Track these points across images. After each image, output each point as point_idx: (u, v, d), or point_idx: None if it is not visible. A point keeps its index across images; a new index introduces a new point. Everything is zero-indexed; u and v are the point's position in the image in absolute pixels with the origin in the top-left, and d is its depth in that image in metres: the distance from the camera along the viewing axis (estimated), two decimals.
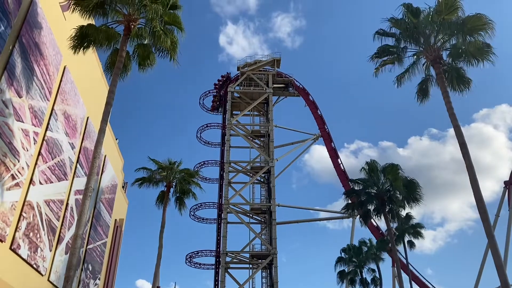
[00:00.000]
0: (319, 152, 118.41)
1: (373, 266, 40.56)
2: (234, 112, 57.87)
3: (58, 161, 20.69)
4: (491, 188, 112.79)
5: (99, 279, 29.45)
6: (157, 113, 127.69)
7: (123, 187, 36.37)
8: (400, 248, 40.44)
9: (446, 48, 21.83)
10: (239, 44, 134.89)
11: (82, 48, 18.40)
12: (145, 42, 19.12)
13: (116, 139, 33.52)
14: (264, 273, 51.07)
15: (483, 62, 20.77)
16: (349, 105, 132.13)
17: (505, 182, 63.79)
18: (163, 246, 29.88)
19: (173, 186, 30.78)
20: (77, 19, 18.89)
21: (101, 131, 16.85)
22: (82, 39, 18.15)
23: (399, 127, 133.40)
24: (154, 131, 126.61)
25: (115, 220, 33.37)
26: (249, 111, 57.71)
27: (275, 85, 58.06)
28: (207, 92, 59.01)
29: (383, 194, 29.71)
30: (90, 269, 27.40)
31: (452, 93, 21.30)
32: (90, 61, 24.43)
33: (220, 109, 59.20)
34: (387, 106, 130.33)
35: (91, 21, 18.71)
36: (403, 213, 34.37)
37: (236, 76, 58.53)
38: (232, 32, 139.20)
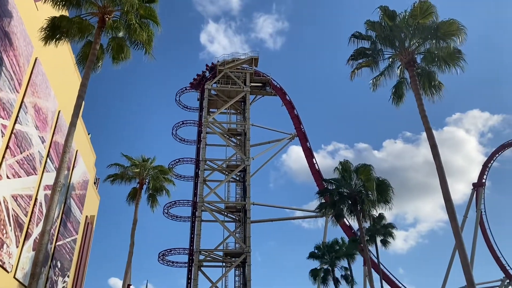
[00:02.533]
0: (297, 152, 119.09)
1: (345, 265, 41.08)
2: (210, 109, 57.52)
3: (27, 155, 20.13)
4: (462, 191, 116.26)
5: (68, 276, 28.82)
6: (132, 109, 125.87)
7: (95, 183, 35.69)
8: (373, 247, 41.12)
9: (420, 51, 22.25)
10: (220, 43, 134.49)
11: (54, 40, 17.93)
12: (120, 35, 18.79)
13: (89, 134, 32.85)
14: (237, 271, 51.03)
15: (455, 68, 21.28)
16: (327, 107, 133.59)
17: (473, 184, 65.73)
18: (136, 244, 29.52)
19: (146, 183, 30.39)
20: (50, 10, 18.39)
21: (72, 125, 16.47)
22: (54, 30, 17.69)
23: (375, 130, 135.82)
24: (128, 127, 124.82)
25: (86, 216, 32.72)
26: (226, 109, 57.48)
27: (252, 84, 58.02)
28: (184, 89, 58.47)
29: (356, 194, 30.10)
30: (59, 266, 26.77)
31: (428, 99, 21.78)
32: (63, 53, 23.83)
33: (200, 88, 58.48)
34: (364, 109, 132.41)
35: (65, 12, 18.25)
36: (376, 213, 34.92)
37: (213, 73, 58.22)
38: (214, 30, 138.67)
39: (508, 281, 58.47)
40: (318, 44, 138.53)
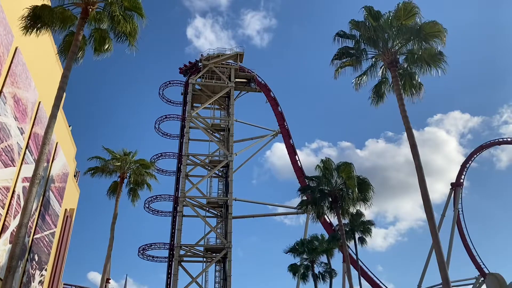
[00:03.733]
0: (281, 149, 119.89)
1: (324, 261, 41.52)
2: (194, 104, 57.25)
3: (6, 146, 19.75)
4: (441, 190, 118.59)
5: (45, 270, 28.45)
6: (114, 102, 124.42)
7: (75, 176, 35.23)
8: (353, 245, 41.60)
9: (402, 52, 22.52)
10: (207, 38, 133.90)
11: (35, 30, 17.58)
12: (103, 27, 18.54)
13: (69, 126, 32.38)
14: (218, 266, 51.07)
15: (436, 69, 21.62)
16: (312, 105, 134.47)
17: (451, 184, 67.09)
18: (116, 238, 29.30)
19: (127, 177, 30.15)
20: None
21: (52, 117, 16.22)
22: (35, 20, 17.34)
23: (358, 129, 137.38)
24: (110, 120, 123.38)
25: (65, 209, 32.30)
26: (209, 104, 57.28)
27: (237, 80, 57.94)
28: (167, 83, 57.94)
29: (336, 191, 30.44)
30: (36, 260, 26.40)
31: (409, 99, 22.09)
32: (45, 43, 23.40)
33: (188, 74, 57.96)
34: (348, 108, 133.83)
35: (46, 1, 17.92)
36: (356, 210, 35.34)
37: (198, 68, 57.90)
38: (201, 25, 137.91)
39: (482, 279, 59.91)
40: (305, 43, 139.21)
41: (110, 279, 38.59)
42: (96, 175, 30.02)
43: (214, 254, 48.67)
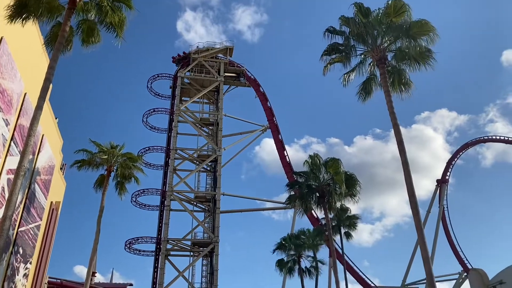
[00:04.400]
0: (270, 144, 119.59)
1: (311, 256, 41.80)
2: (183, 98, 56.97)
3: None
4: (427, 187, 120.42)
5: (30, 263, 28.15)
6: (102, 94, 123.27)
7: (61, 168, 34.82)
8: (339, 239, 41.94)
9: (391, 49, 22.63)
10: (197, 32, 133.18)
11: (21, 19, 17.26)
12: (91, 18, 18.29)
13: (56, 118, 31.97)
14: (205, 260, 51.11)
15: (425, 66, 21.77)
16: (302, 101, 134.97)
17: (437, 181, 68.01)
18: (102, 232, 29.10)
19: (114, 170, 29.92)
20: None
21: (38, 108, 15.99)
22: (21, 9, 17.02)
23: (347, 126, 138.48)
24: (98, 113, 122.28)
25: (51, 202, 31.94)
26: (198, 98, 57.05)
27: (226, 74, 57.76)
28: (156, 76, 57.47)
29: (324, 187, 30.61)
30: (21, 253, 26.10)
31: (396, 95, 22.24)
32: (31, 33, 22.99)
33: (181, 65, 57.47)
34: (337, 105, 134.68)
35: None
36: (343, 206, 35.61)
37: (187, 62, 57.57)
38: (191, 19, 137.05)
39: (465, 274, 60.91)
40: (296, 38, 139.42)
41: (96, 272, 38.45)
42: (83, 168, 29.72)
43: (201, 249, 48.69)
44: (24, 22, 17.56)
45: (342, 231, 39.42)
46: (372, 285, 56.29)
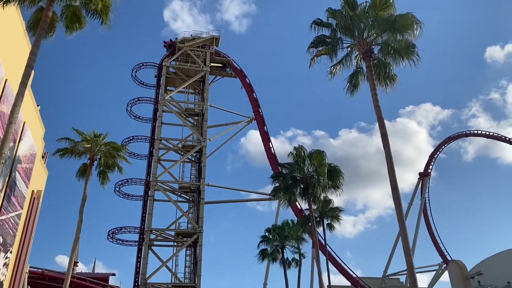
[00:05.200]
0: (256, 136, 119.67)
1: (294, 247, 42.21)
2: (168, 87, 56.44)
3: None
4: (410, 180, 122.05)
5: (10, 252, 27.75)
6: (86, 82, 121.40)
7: (43, 157, 34.26)
8: (322, 231, 42.31)
9: (377, 43, 22.73)
10: (184, 21, 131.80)
11: (1, 3, 16.83)
12: (75, 4, 17.92)
13: (38, 106, 31.38)
14: (188, 251, 51.11)
15: (409, 61, 21.93)
16: (288, 93, 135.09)
17: (419, 174, 68.99)
18: (85, 221, 28.84)
19: (97, 159, 29.58)
20: None
21: (19, 95, 15.67)
22: None
23: (332, 119, 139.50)
24: (81, 101, 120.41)
25: (32, 191, 31.46)
26: (184, 88, 56.56)
27: (212, 64, 57.35)
28: (141, 65, 56.70)
29: (308, 178, 30.81)
30: (1, 242, 25.70)
31: (382, 88, 22.39)
32: (12, 17, 22.41)
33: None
34: (323, 98, 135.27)
35: None
36: (326, 197, 35.90)
37: (172, 51, 56.98)
38: (178, 8, 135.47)
39: (445, 265, 62.20)
40: (283, 30, 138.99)
41: (78, 262, 38.16)
42: (65, 156, 29.31)
43: (185, 239, 48.66)
44: (4, 5, 17.12)
45: (325, 222, 39.79)
46: (354, 275, 57.09)
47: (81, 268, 51.37)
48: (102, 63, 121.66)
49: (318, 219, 38.82)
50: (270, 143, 56.91)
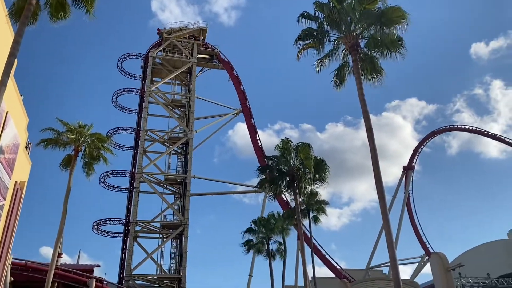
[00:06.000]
0: (243, 129, 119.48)
1: (280, 238, 42.54)
2: (154, 78, 55.95)
3: None
4: (395, 174, 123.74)
5: None
6: (71, 72, 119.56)
7: (26, 147, 33.76)
8: (307, 223, 42.69)
9: (364, 36, 22.82)
10: (172, 12, 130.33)
11: None
12: None
13: (21, 95, 30.85)
14: (174, 243, 51.08)
15: (395, 54, 22.08)
16: (276, 87, 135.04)
17: (404, 167, 69.76)
18: (69, 213, 28.55)
19: (82, 150, 29.25)
20: None
21: (2, 84, 15.38)
22: None
23: (319, 112, 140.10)
24: (66, 91, 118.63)
25: (16, 182, 31.03)
26: (170, 79, 56.16)
27: (199, 55, 57.01)
28: (127, 55, 56.13)
29: (294, 171, 30.98)
30: None
31: (368, 82, 22.54)
32: None
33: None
34: (311, 91, 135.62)
35: None
36: (313, 190, 36.15)
37: (159, 41, 56.45)
38: None
39: (427, 257, 63.25)
40: (272, 23, 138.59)
41: (62, 253, 37.81)
42: (49, 147, 28.92)
43: (171, 231, 48.61)
44: None
45: (311, 215, 40.10)
46: (338, 267, 57.75)
47: (65, 259, 50.95)
48: (88, 53, 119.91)
49: (304, 211, 39.11)
50: (257, 136, 56.98)
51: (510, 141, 70.52)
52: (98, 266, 39.88)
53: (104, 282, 34.67)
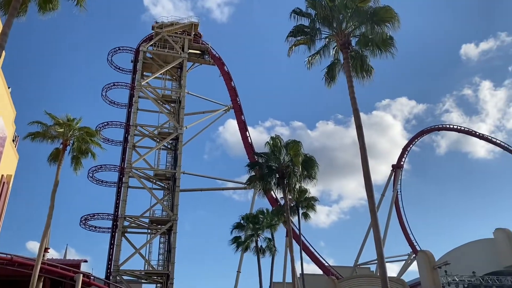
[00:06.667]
0: (234, 125, 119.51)
1: (269, 235, 42.62)
2: (145, 73, 55.52)
3: None
4: (384, 172, 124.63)
5: None
6: (60, 65, 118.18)
7: (13, 140, 33.37)
8: (296, 220, 42.80)
9: (355, 35, 22.89)
10: (164, 7, 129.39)
11: None
12: None
13: (9, 88, 30.46)
14: (162, 238, 50.89)
15: (386, 54, 22.20)
16: (267, 84, 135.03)
17: (392, 166, 70.32)
18: (57, 207, 28.21)
19: (70, 144, 28.93)
20: None
21: None
22: None
23: (310, 110, 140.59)
24: (55, 84, 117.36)
25: (2, 175, 30.67)
26: (161, 74, 55.76)
27: (190, 51, 56.65)
28: (117, 49, 55.53)
29: (283, 168, 31.02)
30: None
31: (358, 80, 22.62)
32: None
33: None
34: (302, 89, 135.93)
35: None
36: (302, 187, 36.23)
37: (150, 36, 56.01)
38: None
39: (414, 255, 63.90)
40: (265, 20, 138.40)
41: (49, 248, 37.41)
42: (37, 140, 28.53)
43: (159, 226, 48.40)
44: None
45: (300, 212, 40.22)
46: (326, 264, 58.10)
47: (52, 254, 50.46)
48: (78, 46, 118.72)
49: (293, 208, 39.21)
50: (247, 132, 56.94)
51: (498, 141, 71.54)
52: (86, 261, 39.48)
53: (91, 277, 34.38)
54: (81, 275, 30.33)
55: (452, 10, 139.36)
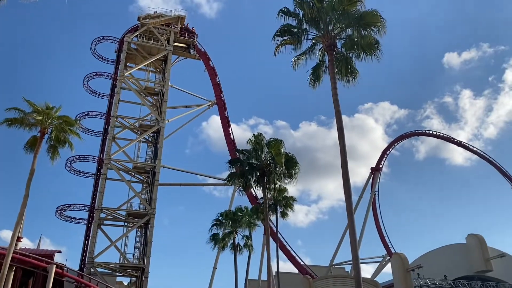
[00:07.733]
0: (217, 121, 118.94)
1: (246, 232, 42.62)
2: (128, 64, 54.77)
3: None
4: (364, 175, 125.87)
5: None
6: (41, 52, 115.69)
7: None
8: (275, 218, 42.93)
9: (341, 37, 23.03)
10: None
11: None
12: None
13: None
14: (139, 232, 50.37)
15: (371, 57, 22.41)
16: (253, 82, 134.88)
17: (371, 168, 71.11)
18: (32, 196, 27.63)
19: (48, 133, 28.33)
20: None
21: None
22: None
23: (294, 110, 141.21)
24: (34, 71, 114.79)
25: None
26: (145, 66, 55.09)
27: (176, 44, 56.12)
28: (101, 38, 54.58)
29: (264, 166, 31.08)
30: None
31: (343, 83, 22.77)
32: None
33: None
34: (287, 89, 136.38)
35: None
36: (282, 186, 36.36)
37: (135, 26, 55.27)
38: None
39: (388, 257, 64.84)
40: (253, 17, 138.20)
41: (22, 237, 36.72)
42: (14, 127, 27.84)
43: (136, 220, 47.92)
44: None
45: (279, 210, 40.33)
46: (302, 263, 58.46)
47: (26, 244, 49.58)
48: (63, 34, 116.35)
49: (271, 206, 39.29)
50: (230, 129, 56.74)
51: (475, 149, 73.02)
52: (59, 252, 38.87)
53: (65, 268, 33.88)
54: (54, 266, 29.89)
55: (437, 19, 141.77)
